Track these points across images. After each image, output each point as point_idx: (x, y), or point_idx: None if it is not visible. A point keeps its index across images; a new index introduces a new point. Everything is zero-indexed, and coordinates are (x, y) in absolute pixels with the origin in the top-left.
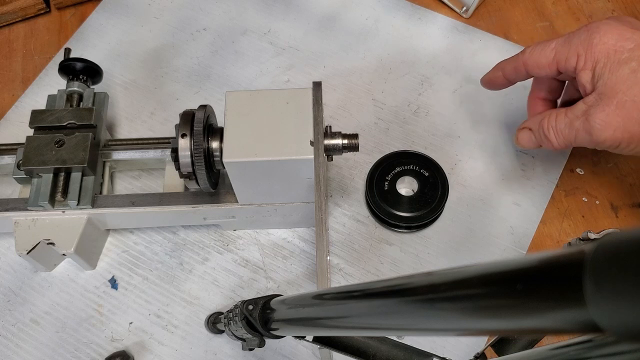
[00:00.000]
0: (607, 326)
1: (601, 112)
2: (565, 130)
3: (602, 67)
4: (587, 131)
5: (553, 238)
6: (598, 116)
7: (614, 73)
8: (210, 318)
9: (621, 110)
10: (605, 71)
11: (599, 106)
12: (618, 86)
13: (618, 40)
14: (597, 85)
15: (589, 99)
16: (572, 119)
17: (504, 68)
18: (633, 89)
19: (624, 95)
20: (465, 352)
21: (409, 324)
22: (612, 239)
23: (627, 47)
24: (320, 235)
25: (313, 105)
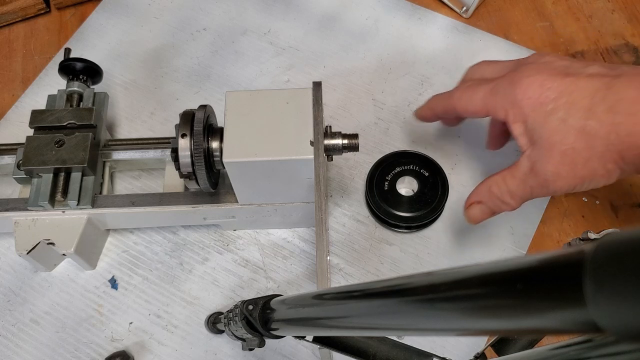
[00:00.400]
0: (607, 326)
1: (548, 165)
2: (520, 190)
3: (532, 121)
4: (542, 185)
5: (553, 238)
6: (547, 169)
7: (545, 126)
8: (210, 318)
9: (565, 158)
10: (536, 125)
11: (543, 159)
12: (553, 138)
13: (541, 93)
14: (533, 138)
15: (531, 154)
16: (522, 178)
17: (435, 108)
18: (567, 137)
19: (562, 144)
20: (465, 352)
21: (409, 324)
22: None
23: (551, 97)
24: (320, 235)
25: (313, 105)
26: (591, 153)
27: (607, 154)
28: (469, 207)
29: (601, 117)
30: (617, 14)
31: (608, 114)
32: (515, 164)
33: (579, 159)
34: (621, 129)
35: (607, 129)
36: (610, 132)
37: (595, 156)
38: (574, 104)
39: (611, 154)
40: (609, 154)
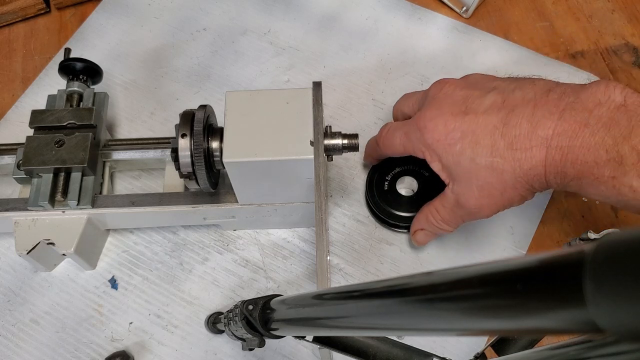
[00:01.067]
0: (607, 326)
1: (469, 199)
2: (452, 219)
3: (446, 160)
4: (469, 215)
5: (553, 238)
6: (469, 203)
7: (458, 165)
8: (210, 318)
9: (483, 192)
10: (451, 164)
11: (465, 195)
12: (467, 176)
13: (446, 134)
14: (452, 175)
15: (453, 188)
16: (451, 208)
17: (372, 154)
18: (480, 174)
19: (477, 180)
20: (465, 352)
21: (409, 324)
22: (612, 239)
23: (456, 138)
24: (320, 235)
25: (313, 105)
26: (504, 185)
27: (517, 184)
28: (414, 233)
29: (503, 154)
30: (617, 14)
31: (509, 151)
32: (444, 195)
33: (494, 191)
34: (523, 164)
35: (511, 164)
36: (515, 168)
37: (509, 187)
38: (478, 142)
39: (521, 184)
40: (519, 184)
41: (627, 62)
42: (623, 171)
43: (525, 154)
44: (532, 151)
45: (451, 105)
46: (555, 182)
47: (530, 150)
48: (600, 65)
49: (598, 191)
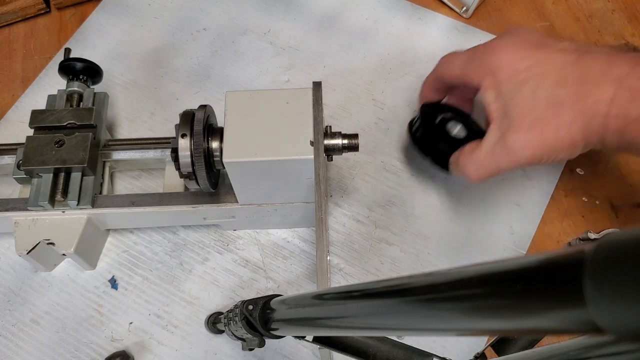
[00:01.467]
0: (607, 326)
1: (517, 134)
2: (487, 159)
3: (505, 89)
4: (509, 154)
5: (553, 238)
6: (516, 138)
7: (516, 95)
8: (210, 318)
9: (535, 129)
10: (509, 94)
11: (513, 129)
12: (524, 108)
13: (514, 61)
14: (504, 108)
15: (501, 123)
16: (490, 147)
17: (427, 83)
18: (538, 108)
19: (532, 115)
20: (465, 352)
21: (409, 324)
22: (612, 239)
23: (523, 67)
24: (320, 235)
25: (313, 105)
26: (559, 122)
27: (574, 123)
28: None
29: (570, 87)
30: (617, 14)
31: (576, 85)
32: (485, 137)
33: (547, 128)
34: (588, 97)
35: (575, 96)
36: (578, 100)
37: (564, 125)
38: (545, 74)
39: (578, 124)
40: (576, 123)
41: None
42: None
43: (593, 88)
44: (601, 87)
45: (526, 35)
46: (615, 126)
47: (599, 85)
48: None
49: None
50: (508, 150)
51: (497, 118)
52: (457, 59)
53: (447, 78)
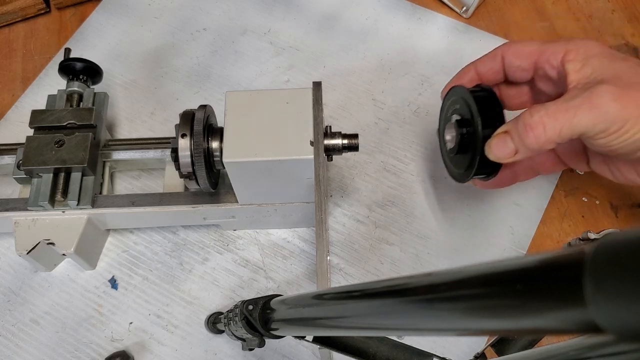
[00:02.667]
0: (607, 326)
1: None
2: (560, 111)
3: (597, 60)
4: (594, 103)
5: (553, 238)
6: (607, 88)
7: (610, 64)
8: (210, 318)
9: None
10: (599, 63)
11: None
12: (620, 74)
13: (611, 50)
14: (592, 74)
15: (585, 85)
16: (567, 99)
17: (478, 61)
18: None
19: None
20: (465, 352)
21: (409, 324)
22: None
23: (622, 54)
24: (320, 235)
25: (313, 105)
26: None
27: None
28: (494, 137)
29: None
30: (617, 14)
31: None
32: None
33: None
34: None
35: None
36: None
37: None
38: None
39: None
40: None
41: None
42: None
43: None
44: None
45: None
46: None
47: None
48: None
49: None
50: (593, 98)
51: (579, 83)
52: (531, 40)
53: (514, 54)
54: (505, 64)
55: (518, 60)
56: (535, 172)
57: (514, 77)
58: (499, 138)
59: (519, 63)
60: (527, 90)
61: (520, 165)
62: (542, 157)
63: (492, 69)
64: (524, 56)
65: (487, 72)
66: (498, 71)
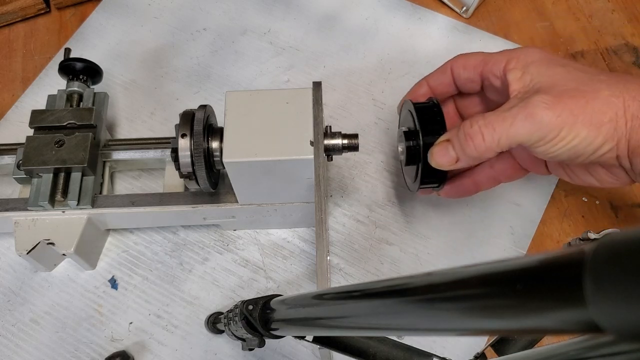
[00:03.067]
0: (607, 326)
1: (544, 95)
2: (497, 121)
3: (535, 67)
4: (529, 113)
5: (553, 238)
6: (541, 97)
7: (547, 71)
8: (210, 318)
9: (565, 95)
10: (536, 72)
11: (540, 92)
12: (556, 81)
13: (551, 55)
14: (530, 83)
15: (524, 94)
16: (505, 109)
17: (429, 76)
18: (572, 82)
19: (564, 86)
20: (465, 352)
21: (409, 324)
22: (612, 239)
23: (562, 59)
24: (320, 235)
25: (313, 105)
26: (596, 95)
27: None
28: (435, 145)
29: (610, 74)
30: (617, 14)
31: (617, 76)
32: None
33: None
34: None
35: (617, 80)
36: (621, 81)
37: (600, 99)
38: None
39: (616, 101)
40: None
41: (627, 62)
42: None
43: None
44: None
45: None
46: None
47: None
48: (600, 65)
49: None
50: (528, 108)
51: (520, 92)
52: (478, 52)
53: (462, 66)
54: (454, 77)
55: (465, 72)
56: (497, 180)
57: (465, 89)
58: (440, 146)
59: (466, 75)
60: (479, 101)
61: (481, 174)
62: (502, 165)
63: (442, 82)
64: (470, 68)
65: (438, 85)
66: (449, 84)
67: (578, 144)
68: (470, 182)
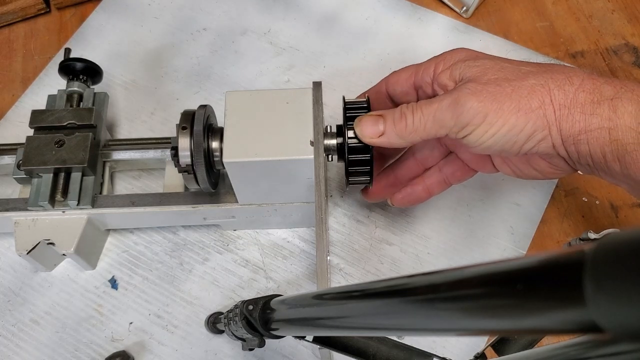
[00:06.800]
0: (607, 326)
1: (470, 83)
2: (426, 104)
3: (462, 63)
4: (454, 98)
5: (553, 238)
6: (467, 85)
7: (474, 63)
8: (210, 318)
9: (491, 83)
10: (464, 64)
11: (465, 84)
12: (483, 71)
13: (477, 52)
14: (459, 77)
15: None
16: (437, 98)
17: (368, 92)
18: (499, 72)
19: (492, 75)
20: (465, 352)
21: (409, 324)
22: (612, 239)
23: (488, 55)
24: (320, 235)
25: (313, 105)
26: (522, 83)
27: (537, 88)
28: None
29: (534, 65)
30: (617, 14)
31: (541, 66)
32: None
33: (504, 86)
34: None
35: (542, 70)
36: (545, 72)
37: (526, 87)
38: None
39: (541, 90)
40: (539, 90)
41: (627, 62)
42: None
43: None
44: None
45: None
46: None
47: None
48: (600, 65)
49: None
50: (453, 96)
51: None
52: (409, 66)
53: (395, 82)
54: (390, 93)
55: (399, 87)
56: (447, 183)
57: (402, 101)
58: (370, 117)
59: (400, 89)
60: None
61: (430, 179)
62: (449, 168)
63: (379, 99)
64: (402, 81)
65: (374, 101)
66: (384, 101)
67: (508, 131)
68: (420, 188)
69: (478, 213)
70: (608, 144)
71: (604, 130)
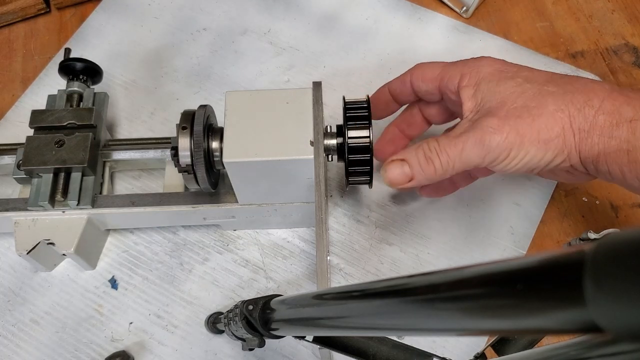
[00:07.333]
0: (607, 326)
1: (491, 118)
2: (450, 145)
3: (485, 84)
4: (478, 138)
5: (553, 238)
6: (488, 121)
7: (498, 87)
8: (210, 318)
9: (512, 115)
10: (487, 89)
11: (487, 115)
12: (504, 98)
13: (502, 66)
14: (481, 103)
15: (474, 116)
16: (457, 134)
17: (390, 83)
18: (520, 98)
19: (512, 104)
20: (465, 352)
21: (409, 324)
22: (612, 239)
23: (512, 69)
24: (320, 235)
25: (313, 105)
26: (542, 111)
27: (558, 112)
28: (390, 162)
29: (559, 82)
30: (617, 14)
31: (566, 85)
32: (454, 127)
33: (526, 115)
34: (579, 95)
35: (564, 91)
36: (567, 93)
37: (545, 114)
38: (531, 77)
39: (562, 114)
40: (559, 116)
41: (627, 62)
42: None
43: (584, 90)
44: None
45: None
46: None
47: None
48: (600, 65)
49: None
50: (477, 132)
51: (471, 112)
52: (436, 63)
53: (420, 79)
54: (414, 88)
55: (424, 85)
56: (473, 177)
57: (426, 99)
58: (394, 163)
59: (425, 88)
60: (442, 108)
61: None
62: None
63: (403, 91)
64: (428, 81)
65: (399, 94)
66: (409, 94)
67: (529, 160)
68: (447, 181)
69: (478, 213)
70: (627, 165)
71: (622, 152)
